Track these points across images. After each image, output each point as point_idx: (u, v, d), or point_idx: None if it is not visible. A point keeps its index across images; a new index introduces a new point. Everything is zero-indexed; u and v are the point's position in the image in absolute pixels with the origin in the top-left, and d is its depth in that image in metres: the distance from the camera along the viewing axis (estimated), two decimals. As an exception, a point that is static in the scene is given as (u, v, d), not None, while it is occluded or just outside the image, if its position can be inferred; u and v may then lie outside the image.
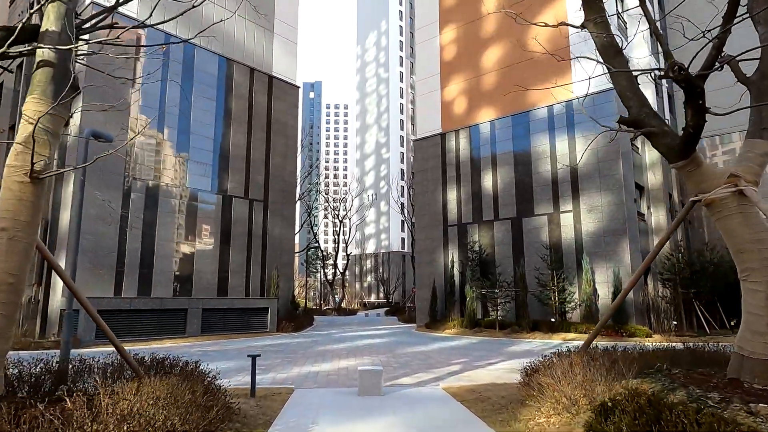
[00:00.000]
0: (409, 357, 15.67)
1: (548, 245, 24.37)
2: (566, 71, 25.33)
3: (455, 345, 19.57)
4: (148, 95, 23.80)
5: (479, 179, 27.99)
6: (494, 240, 26.87)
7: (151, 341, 20.05)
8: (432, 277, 29.10)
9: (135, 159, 23.04)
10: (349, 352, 17.10)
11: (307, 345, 19.71)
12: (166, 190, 24.08)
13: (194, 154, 25.52)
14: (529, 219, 25.63)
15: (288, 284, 29.72)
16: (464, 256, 27.84)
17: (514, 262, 25.80)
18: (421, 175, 31.00)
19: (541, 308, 23.84)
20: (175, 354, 14.02)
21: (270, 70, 30.12)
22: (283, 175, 30.16)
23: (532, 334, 22.04)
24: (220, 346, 19.26)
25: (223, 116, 27.10)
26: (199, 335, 21.97)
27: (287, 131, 30.78)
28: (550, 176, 25.14)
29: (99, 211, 21.50)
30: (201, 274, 24.95)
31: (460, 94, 29.98)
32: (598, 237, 23.06)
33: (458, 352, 17.14)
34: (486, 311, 26.34)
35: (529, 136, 26.31)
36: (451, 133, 29.80)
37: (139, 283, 22.55)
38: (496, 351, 17.37)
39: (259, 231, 28.26)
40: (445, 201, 29.42)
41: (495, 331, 23.47)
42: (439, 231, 29.45)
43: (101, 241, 21.42)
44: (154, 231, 23.42)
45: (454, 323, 25.67)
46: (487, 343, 20.13)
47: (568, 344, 19.65)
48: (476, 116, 28.85)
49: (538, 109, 26.14)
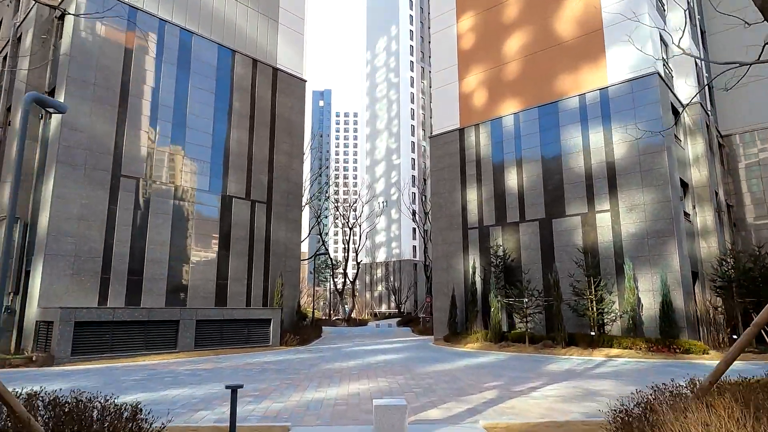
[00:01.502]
0: (432, 378, 13.16)
1: (583, 249, 21.76)
2: (599, 56, 22.88)
3: (483, 362, 17.00)
4: (138, 84, 21.71)
5: (502, 177, 25.50)
6: (520, 244, 24.29)
7: (136, 357, 17.72)
8: (450, 285, 26.54)
9: (123, 154, 20.89)
10: (360, 372, 14.63)
11: (313, 362, 17.26)
12: (158, 189, 21.89)
13: (190, 150, 23.34)
14: (560, 220, 23.05)
15: (293, 293, 27.33)
16: (486, 262, 25.27)
17: (543, 268, 23.18)
18: (438, 175, 28.57)
19: (575, 320, 21.19)
20: (159, 373, 11.54)
21: (274, 62, 28.01)
22: (288, 175, 27.91)
23: (568, 350, 19.39)
24: (213, 363, 16.88)
25: (222, 110, 24.95)
26: (193, 350, 19.61)
27: (293, 128, 28.58)
28: (584, 172, 22.58)
29: (82, 211, 19.34)
30: (197, 282, 22.65)
31: (479, 85, 27.61)
32: (641, 239, 20.42)
33: (489, 371, 14.59)
34: (512, 323, 23.71)
35: (558, 128, 23.81)
36: (471, 128, 27.38)
37: (127, 292, 20.28)
38: (532, 371, 14.79)
39: (262, 235, 25.96)
40: (465, 202, 26.93)
41: (524, 345, 20.83)
42: (457, 235, 26.94)
43: (84, 244, 19.22)
44: (145, 234, 21.19)
45: (477, 336, 23.06)
46: (519, 361, 17.52)
47: (614, 362, 17.00)
48: (498, 109, 26.43)
49: (567, 98, 23.66)
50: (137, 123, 21.48)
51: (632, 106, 21.46)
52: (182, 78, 23.37)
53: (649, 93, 21.07)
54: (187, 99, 23.49)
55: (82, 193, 19.41)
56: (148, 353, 18.28)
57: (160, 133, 22.27)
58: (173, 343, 19.29)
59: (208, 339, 20.50)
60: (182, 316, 19.69)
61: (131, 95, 21.42)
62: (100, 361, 16.80)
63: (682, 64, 24.87)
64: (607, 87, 22.34)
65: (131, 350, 17.97)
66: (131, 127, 21.26)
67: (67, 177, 19.12)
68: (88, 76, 20.07)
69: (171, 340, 19.27)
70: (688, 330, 18.96)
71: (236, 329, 21.68)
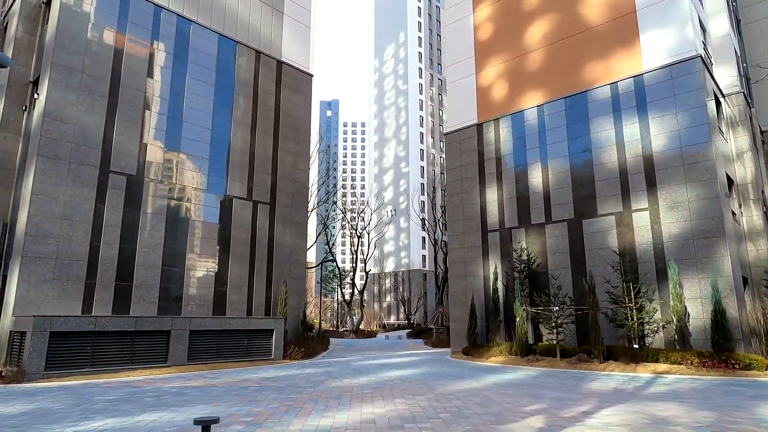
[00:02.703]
0: (459, 400, 11.05)
1: (619, 251, 19.60)
2: (633, 41, 20.90)
3: (513, 380, 14.83)
4: (130, 73, 19.99)
5: (525, 175, 23.44)
6: (546, 247, 22.15)
7: (120, 372, 15.73)
8: (469, 294, 24.39)
9: (113, 148, 19.12)
10: (374, 391, 12.54)
11: (319, 378, 15.18)
12: (151, 187, 20.06)
13: (187, 145, 21.55)
14: (591, 221, 20.92)
15: (299, 301, 25.30)
16: (509, 267, 23.12)
17: (573, 274, 21.01)
18: (454, 174, 26.56)
19: (611, 331, 18.97)
20: (141, 391, 9.61)
21: (279, 55, 26.30)
22: (294, 175, 26.05)
23: (607, 365, 17.14)
24: (206, 380, 14.85)
25: (223, 104, 23.20)
26: (185, 363, 17.59)
27: (299, 125, 26.77)
28: (617, 167, 20.48)
29: (65, 210, 17.52)
30: (193, 289, 20.71)
31: (498, 77, 25.67)
32: (686, 240, 18.24)
33: (524, 391, 12.43)
34: (538, 334, 21.50)
35: (587, 120, 21.77)
36: (490, 123, 25.41)
37: (115, 299, 18.38)
38: (575, 390, 12.62)
39: (265, 239, 24.03)
40: (484, 203, 24.86)
41: (555, 359, 18.61)
42: (476, 238, 24.83)
43: (67, 246, 17.38)
44: (136, 236, 19.34)
45: (501, 349, 20.85)
46: (554, 378, 15.33)
47: (664, 379, 14.76)
48: (520, 101, 24.45)
49: (597, 88, 21.65)
50: (129, 115, 19.74)
51: (671, 94, 19.41)
52: (179, 68, 21.67)
53: (690, 79, 19.02)
54: (185, 91, 21.76)
55: (65, 191, 17.62)
56: (135, 367, 16.28)
57: (154, 126, 20.51)
58: (163, 356, 17.29)
59: (203, 352, 18.48)
60: (174, 326, 17.71)
61: (123, 85, 19.71)
62: (78, 377, 14.83)
63: (721, 52, 22.83)
64: (642, 74, 20.31)
65: (115, 364, 15.99)
66: (122, 119, 19.52)
67: (49, 172, 17.35)
68: (75, 62, 18.38)
69: (161, 353, 17.27)
70: (744, 342, 16.70)
71: (235, 341, 19.65)
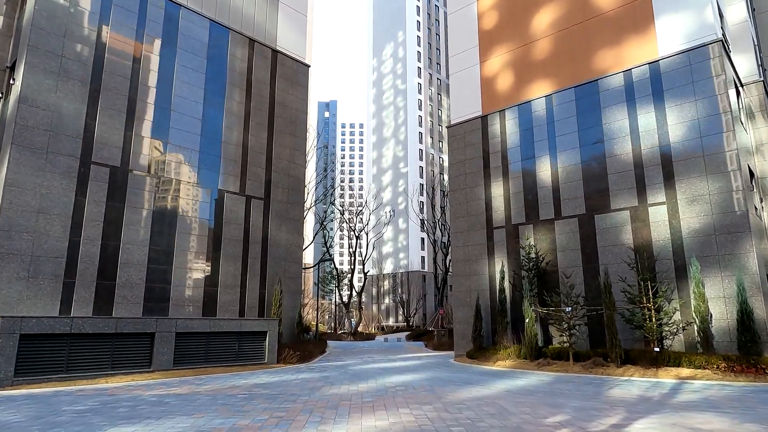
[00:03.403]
0: (471, 410, 9.83)
1: (634, 248, 18.43)
2: (647, 26, 19.77)
3: (526, 386, 13.61)
4: (114, 58, 18.76)
5: (533, 168, 22.26)
6: (556, 244, 20.96)
7: (99, 378, 14.47)
8: (473, 294, 23.17)
9: (95, 138, 17.88)
10: (375, 399, 11.30)
11: (315, 384, 13.93)
12: (137, 180, 18.82)
13: (176, 136, 20.32)
14: (604, 216, 19.74)
15: (294, 302, 24.05)
16: (516, 266, 21.93)
17: (584, 272, 19.83)
18: (457, 169, 25.37)
19: (627, 332, 17.77)
20: (117, 400, 8.44)
21: (274, 44, 25.10)
22: (289, 169, 24.82)
23: (625, 369, 15.93)
24: (192, 387, 13.59)
25: (214, 93, 21.98)
26: (171, 368, 16.32)
27: (295, 117, 25.57)
28: (632, 160, 19.33)
29: (42, 203, 16.27)
30: (181, 288, 19.46)
31: (504, 67, 24.52)
32: (707, 236, 17.07)
33: (541, 399, 11.21)
34: (548, 337, 20.30)
35: (598, 110, 20.62)
36: (495, 115, 24.24)
37: (96, 299, 17.11)
38: (596, 398, 11.41)
39: (259, 236, 22.79)
40: (489, 198, 23.67)
41: (568, 363, 17.40)
42: (481, 235, 23.64)
43: (43, 242, 16.12)
44: (120, 231, 18.08)
45: (508, 352, 19.64)
46: (570, 384, 14.11)
47: (690, 385, 13.56)
48: (527, 92, 23.30)
49: (609, 76, 20.50)
50: (112, 103, 18.50)
51: (690, 81, 18.27)
52: (168, 55, 20.45)
53: (710, 64, 17.88)
54: (173, 79, 20.54)
55: (42, 182, 16.37)
56: (115, 373, 15.02)
57: (140, 115, 19.27)
58: (147, 360, 16.02)
59: (191, 355, 17.22)
60: (159, 327, 16.44)
61: (106, 71, 18.48)
62: (51, 384, 13.57)
63: (739, 39, 21.71)
64: (657, 60, 19.18)
65: (93, 369, 14.72)
66: (105, 107, 18.29)
67: (24, 162, 16.10)
68: (54, 45, 17.16)
69: (144, 357, 16.00)
70: (772, 345, 15.52)
71: (225, 344, 18.40)
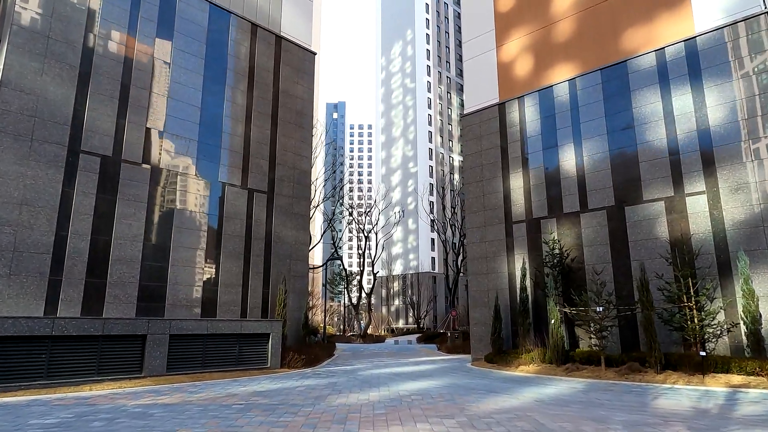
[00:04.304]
0: (502, 426, 8.33)
1: (670, 242, 16.80)
2: (682, 0, 18.17)
3: (557, 395, 12.05)
4: (106, 40, 17.51)
5: (555, 158, 20.69)
6: (582, 238, 19.37)
7: (83, 385, 13.12)
8: (492, 293, 21.62)
9: (85, 125, 16.62)
10: (388, 410, 9.83)
11: (320, 392, 12.47)
12: (130, 171, 17.53)
13: (172, 124, 19.02)
14: (635, 207, 18.12)
15: (300, 302, 22.64)
16: (539, 263, 20.35)
17: (614, 269, 18.22)
18: (473, 160, 23.84)
19: (664, 334, 16.11)
20: (95, 410, 7.17)
21: (278, 29, 23.77)
22: (295, 162, 23.45)
23: (666, 375, 14.30)
24: (184, 395, 12.19)
25: (214, 80, 20.67)
26: (164, 374, 14.96)
27: (300, 107, 24.21)
28: (666, 146, 17.71)
29: (25, 194, 15.00)
30: (178, 287, 18.12)
31: (522, 51, 22.98)
32: (754, 228, 15.41)
33: (580, 412, 9.66)
34: (574, 340, 18.69)
35: (628, 93, 19.03)
36: (513, 102, 22.70)
37: (85, 299, 15.78)
38: (644, 410, 9.84)
39: (262, 232, 21.42)
40: (508, 190, 22.12)
41: (600, 368, 15.79)
42: (499, 230, 22.09)
43: (27, 236, 14.84)
44: (111, 225, 16.78)
45: (531, 356, 18.06)
46: (607, 393, 12.52)
47: (745, 394, 11.91)
48: (547, 76, 21.74)
49: (640, 56, 18.90)
50: (104, 88, 17.23)
51: (731, 58, 16.64)
52: (164, 37, 19.18)
53: (754, 39, 16.24)
54: (170, 64, 19.27)
55: (26, 171, 15.10)
56: (102, 379, 13.68)
57: (133, 102, 18.00)
58: (138, 365, 14.66)
59: (186, 360, 15.85)
60: (150, 329, 15.09)
61: (97, 54, 17.22)
62: (29, 392, 12.25)
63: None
64: (694, 37, 17.57)
65: (77, 375, 13.39)
66: (96, 92, 17.01)
67: (7, 150, 14.84)
68: (40, 25, 15.92)
69: (135, 362, 14.65)
70: (833, 349, 13.84)
71: (224, 347, 17.02)
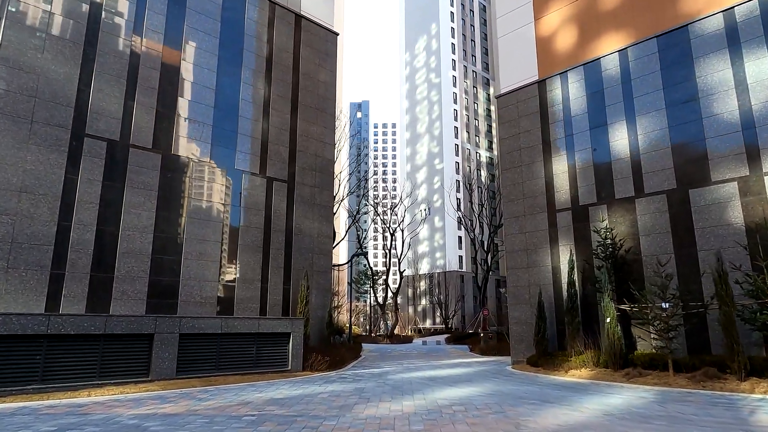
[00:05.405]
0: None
1: (746, 228, 14.55)
2: (754, -48, 15.85)
3: (628, 406, 10.04)
4: (113, 17, 16.25)
5: (605, 138, 18.57)
6: (637, 226, 17.22)
7: (82, 389, 11.76)
8: (533, 289, 19.62)
9: (90, 107, 15.36)
10: (427, 425, 8.02)
11: (346, 400, 10.76)
12: (139, 157, 16.22)
13: (185, 107, 17.67)
14: (702, 190, 15.90)
15: (324, 300, 21.07)
16: (587, 254, 18.27)
17: (677, 260, 16.02)
18: (510, 144, 21.84)
19: (742, 335, 13.86)
20: (85, 422, 5.54)
21: (298, 8, 22.26)
22: (317, 149, 21.90)
23: (753, 384, 12.09)
24: (190, 402, 10.65)
25: (230, 61, 19.28)
26: (174, 377, 13.52)
27: (322, 90, 22.65)
28: (738, 118, 15.44)
29: (25, 181, 13.80)
30: (191, 282, 16.73)
31: (564, 23, 20.90)
32: None
33: (665, 430, 7.70)
34: (631, 341, 16.56)
35: (689, 62, 16.79)
36: (554, 79, 20.62)
37: (90, 294, 14.52)
38: (741, 428, 7.81)
39: (282, 223, 19.93)
40: (550, 176, 20.08)
41: (667, 374, 13.67)
42: (542, 220, 20.06)
43: (27, 226, 13.63)
44: (119, 215, 15.49)
45: (582, 359, 16.00)
46: (686, 403, 10.45)
47: None
48: (593, 49, 19.61)
49: (704, 18, 16.66)
50: (110, 67, 15.97)
51: (818, 14, 14.31)
52: (175, 14, 17.86)
53: None
54: (182, 43, 17.93)
55: (26, 156, 13.90)
56: (104, 383, 12.29)
57: (142, 82, 16.70)
58: (144, 367, 13.25)
59: (198, 362, 14.38)
60: (158, 328, 13.66)
61: (103, 31, 15.97)
62: (21, 397, 10.91)
63: None
64: (770, -7, 15.28)
65: (76, 379, 12.03)
66: (102, 71, 15.76)
67: (5, 132, 13.66)
68: None
69: (141, 364, 13.24)
70: None
71: (240, 347, 15.51)
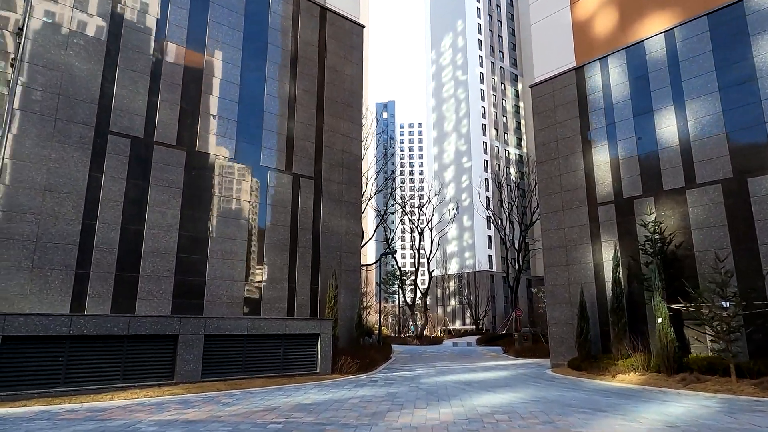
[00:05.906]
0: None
1: (817, 219, 13.20)
2: None
3: (692, 417, 8.97)
4: (135, 12, 15.98)
5: (650, 125, 17.33)
6: (688, 220, 15.94)
7: (105, 393, 11.37)
8: (575, 287, 18.50)
9: (114, 104, 15.10)
10: (471, 441, 7.21)
11: (377, 407, 10.01)
12: (163, 154, 15.89)
13: (209, 103, 17.30)
14: (762, 179, 14.55)
15: (353, 300, 20.42)
16: (632, 250, 17.07)
17: (735, 255, 14.71)
18: (546, 135, 20.75)
19: (812, 338, 12.56)
20: (103, 428, 2.98)
21: (323, 0, 21.72)
22: (344, 144, 21.29)
23: (830, 391, 10.86)
24: (213, 408, 10.09)
25: (254, 56, 18.84)
26: (198, 380, 13.05)
27: (348, 84, 22.03)
28: (803, 99, 14.07)
29: (49, 179, 13.58)
30: (218, 282, 16.32)
31: (603, 5, 19.70)
32: None
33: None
34: (683, 342, 15.30)
35: (746, 39, 15.45)
36: (593, 64, 19.45)
37: (115, 295, 14.23)
38: None
39: (309, 221, 19.38)
40: (590, 167, 18.92)
41: (729, 380, 12.46)
42: (582, 214, 18.93)
43: (51, 225, 13.40)
44: (144, 214, 15.18)
45: (631, 363, 14.84)
46: (759, 415, 9.30)
47: None
48: (636, 30, 18.38)
49: (760, -8, 15.32)
50: (134, 63, 15.70)
51: None
52: (198, 8, 17.51)
53: None
54: (205, 37, 17.57)
55: (50, 154, 13.69)
56: (127, 386, 11.89)
57: (166, 79, 16.39)
58: (168, 370, 12.82)
59: (224, 364, 13.88)
60: (183, 329, 13.22)
61: (126, 26, 15.72)
62: (43, 400, 10.58)
63: None
64: (838, -41, 13.86)
65: (99, 382, 11.65)
66: (125, 68, 15.50)
67: (29, 131, 13.48)
68: (64, -5, 14.55)
69: (165, 366, 12.81)
70: None
71: (267, 349, 14.96)
